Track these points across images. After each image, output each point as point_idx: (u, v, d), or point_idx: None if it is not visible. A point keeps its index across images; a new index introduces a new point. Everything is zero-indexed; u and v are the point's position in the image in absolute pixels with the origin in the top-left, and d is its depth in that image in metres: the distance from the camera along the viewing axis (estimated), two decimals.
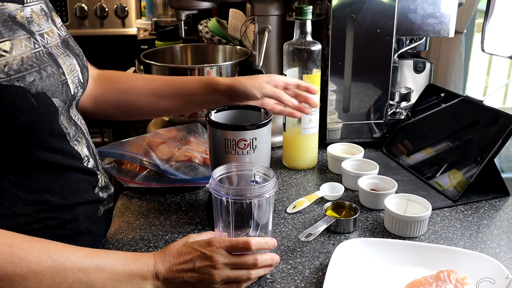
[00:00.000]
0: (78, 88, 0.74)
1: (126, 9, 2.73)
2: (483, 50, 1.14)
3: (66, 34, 0.77)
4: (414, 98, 1.27)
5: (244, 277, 0.69)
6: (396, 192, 0.93)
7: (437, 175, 1.03)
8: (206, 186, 1.00)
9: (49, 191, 0.68)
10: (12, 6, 0.64)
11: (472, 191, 0.97)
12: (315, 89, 0.96)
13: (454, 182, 0.98)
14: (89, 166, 0.75)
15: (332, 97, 1.19)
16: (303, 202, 0.95)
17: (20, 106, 0.60)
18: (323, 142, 1.21)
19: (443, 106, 1.12)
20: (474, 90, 2.49)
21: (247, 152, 0.81)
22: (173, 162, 1.00)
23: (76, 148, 0.72)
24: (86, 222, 0.73)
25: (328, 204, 0.91)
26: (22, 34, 0.63)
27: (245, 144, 0.80)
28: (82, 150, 0.74)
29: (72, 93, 0.71)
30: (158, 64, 1.25)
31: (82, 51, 0.80)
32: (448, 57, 2.10)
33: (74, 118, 0.75)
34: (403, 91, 1.29)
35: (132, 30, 2.75)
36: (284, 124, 1.11)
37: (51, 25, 0.73)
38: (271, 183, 0.73)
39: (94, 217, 0.76)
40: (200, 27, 1.65)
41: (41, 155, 0.66)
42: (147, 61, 1.27)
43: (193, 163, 1.00)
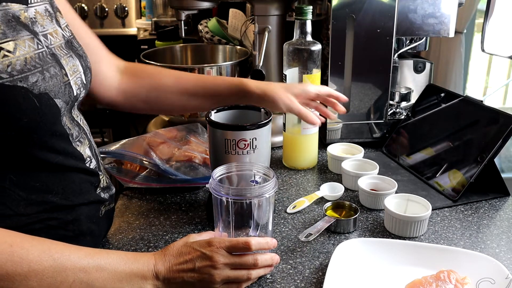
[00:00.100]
0: (81, 89, 0.74)
1: (126, 9, 2.73)
2: (483, 50, 1.14)
3: (70, 35, 0.77)
4: (414, 98, 1.27)
5: (244, 277, 0.69)
6: (396, 192, 0.93)
7: (437, 175, 1.03)
8: (206, 186, 1.00)
9: (51, 192, 0.68)
10: (16, 7, 0.64)
11: (472, 191, 0.97)
12: (345, 98, 1.00)
13: (454, 182, 0.98)
14: (91, 167, 0.75)
15: None
16: (303, 202, 0.95)
17: (22, 106, 0.60)
18: (323, 142, 1.21)
19: (443, 106, 1.12)
20: (474, 90, 2.49)
21: (247, 152, 0.81)
22: (173, 162, 1.00)
23: (78, 148, 0.72)
24: (88, 223, 0.73)
25: (328, 204, 0.91)
26: (26, 35, 0.63)
27: (245, 144, 0.80)
28: (85, 150, 0.74)
29: (74, 94, 0.71)
30: (158, 64, 1.24)
31: (85, 53, 0.80)
32: (448, 57, 2.10)
33: (76, 118, 0.75)
34: (403, 91, 1.29)
35: (132, 30, 2.75)
36: (284, 124, 1.11)
37: (55, 25, 0.73)
38: (271, 183, 0.73)
39: (96, 217, 0.76)
40: (200, 27, 1.65)
41: (43, 156, 0.66)
42: (147, 61, 1.27)
43: (193, 163, 1.01)
